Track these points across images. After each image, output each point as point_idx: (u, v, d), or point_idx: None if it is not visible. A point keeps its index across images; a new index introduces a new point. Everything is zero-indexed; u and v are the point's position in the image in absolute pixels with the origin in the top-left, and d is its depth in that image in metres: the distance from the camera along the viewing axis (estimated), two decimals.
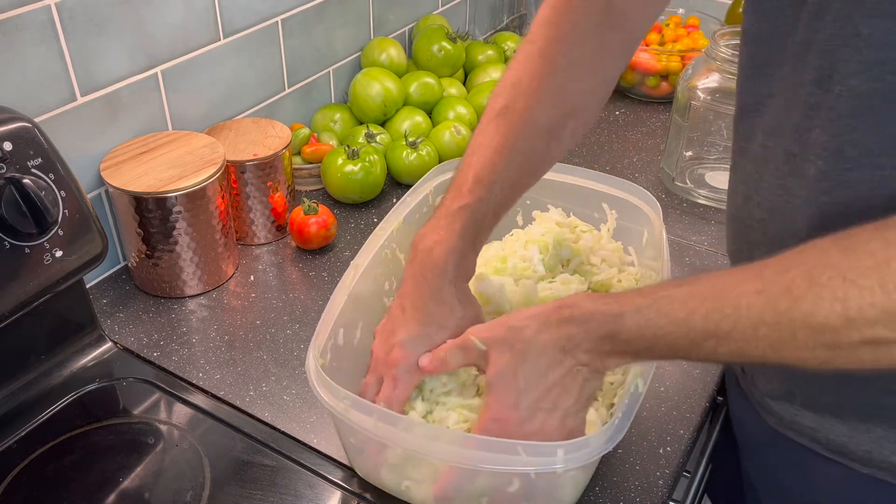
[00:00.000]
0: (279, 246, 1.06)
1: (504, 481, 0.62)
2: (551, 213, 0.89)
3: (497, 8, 1.65)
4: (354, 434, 0.66)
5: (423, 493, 0.67)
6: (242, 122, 1.08)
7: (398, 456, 0.66)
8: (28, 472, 0.73)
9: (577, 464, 0.58)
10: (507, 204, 0.70)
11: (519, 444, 0.58)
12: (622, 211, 0.87)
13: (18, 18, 0.79)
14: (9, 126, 0.72)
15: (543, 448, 0.58)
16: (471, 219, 0.67)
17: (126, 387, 0.83)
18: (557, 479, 0.64)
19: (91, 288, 0.96)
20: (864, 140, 0.52)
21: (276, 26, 1.12)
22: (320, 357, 0.68)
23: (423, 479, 0.66)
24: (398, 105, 1.24)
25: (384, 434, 0.61)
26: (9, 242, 0.72)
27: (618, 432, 0.60)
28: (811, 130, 0.55)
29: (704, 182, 1.19)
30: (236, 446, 0.76)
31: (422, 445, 0.61)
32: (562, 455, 0.58)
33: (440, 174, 0.89)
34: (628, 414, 0.61)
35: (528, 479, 0.62)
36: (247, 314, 0.94)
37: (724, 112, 1.15)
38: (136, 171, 0.90)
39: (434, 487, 0.65)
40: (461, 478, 0.63)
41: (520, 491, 0.63)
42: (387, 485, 0.70)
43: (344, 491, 0.72)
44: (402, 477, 0.68)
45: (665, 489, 0.73)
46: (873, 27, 0.48)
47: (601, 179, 0.87)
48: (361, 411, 0.62)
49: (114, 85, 0.92)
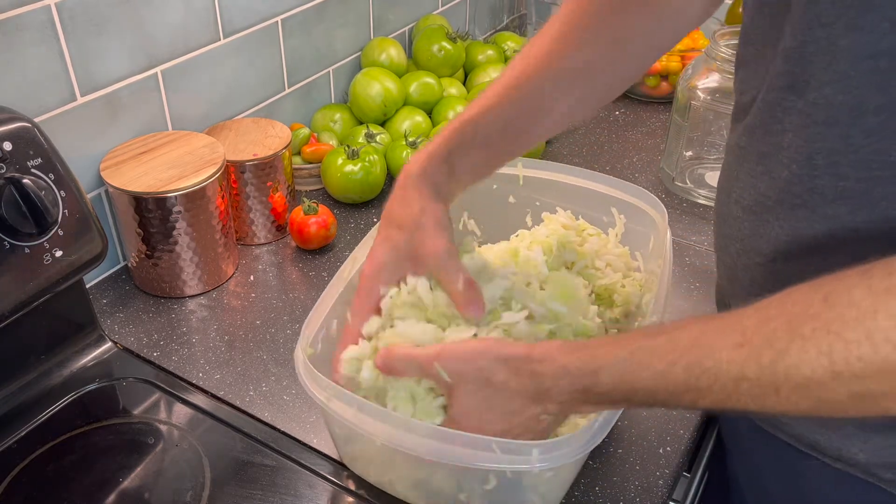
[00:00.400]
0: (279, 246, 1.06)
1: (481, 478, 0.62)
2: (559, 215, 0.89)
3: (497, 8, 1.65)
4: (338, 424, 0.66)
5: (404, 487, 0.68)
6: (242, 122, 1.08)
7: (377, 448, 0.66)
8: (28, 472, 0.73)
9: (553, 464, 0.58)
10: (495, 142, 0.69)
11: (494, 442, 0.57)
12: (630, 215, 0.87)
13: (18, 18, 0.79)
14: (9, 126, 0.72)
15: (518, 446, 0.58)
16: (450, 137, 0.67)
17: (126, 387, 0.83)
18: (534, 478, 0.63)
19: (91, 288, 0.96)
20: (832, 149, 0.52)
21: (276, 26, 1.12)
22: (310, 347, 0.68)
23: (402, 474, 0.67)
24: (398, 105, 1.24)
25: (363, 424, 0.61)
26: (9, 242, 0.72)
27: (597, 435, 0.59)
28: (784, 133, 0.56)
29: (704, 182, 1.19)
30: (236, 446, 0.76)
31: (396, 437, 0.60)
32: (536, 454, 0.57)
33: None
34: (609, 419, 0.60)
35: (504, 477, 0.62)
36: (247, 314, 0.94)
37: (723, 112, 1.14)
38: (136, 171, 0.90)
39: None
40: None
41: (497, 489, 0.63)
42: (372, 477, 0.70)
43: (344, 491, 0.72)
44: (385, 469, 0.68)
45: (665, 489, 0.73)
46: (852, 40, 0.48)
47: (609, 183, 0.87)
48: (343, 402, 0.62)
49: (114, 85, 0.92)
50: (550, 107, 0.71)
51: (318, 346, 0.70)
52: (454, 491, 0.65)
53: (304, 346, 0.66)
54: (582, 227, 0.88)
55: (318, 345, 0.70)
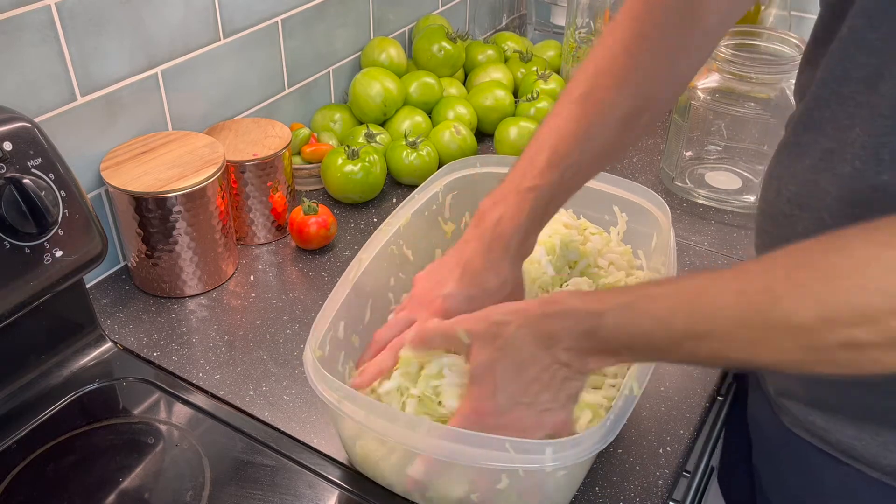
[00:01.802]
0: (279, 246, 1.06)
1: (494, 478, 0.62)
2: (560, 214, 0.89)
3: (497, 8, 1.65)
4: (348, 425, 0.67)
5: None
6: (242, 122, 1.08)
7: (389, 448, 0.66)
8: (28, 472, 0.73)
9: (566, 463, 0.58)
10: (573, 188, 0.72)
11: (507, 441, 0.57)
12: (632, 213, 0.87)
13: (18, 18, 0.79)
14: (9, 126, 0.72)
15: (531, 446, 0.58)
16: (540, 201, 0.69)
17: (126, 387, 0.83)
18: (547, 477, 0.64)
19: (91, 288, 0.96)
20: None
21: (276, 26, 1.12)
22: (318, 349, 0.68)
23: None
24: (398, 105, 1.24)
25: (374, 425, 0.61)
26: (9, 242, 0.72)
27: (609, 433, 0.59)
28: (852, 129, 0.55)
29: (704, 182, 1.19)
30: (236, 446, 0.76)
31: (407, 438, 0.61)
32: (550, 454, 0.57)
33: (450, 173, 0.89)
34: (621, 416, 0.60)
35: (516, 476, 0.62)
36: (247, 314, 0.94)
37: (723, 112, 1.15)
38: (136, 171, 0.90)
39: (409, 470, 0.65)
40: (435, 464, 0.63)
41: (509, 488, 0.63)
42: (386, 478, 0.70)
43: (344, 491, 0.72)
44: (398, 469, 0.68)
45: (665, 489, 0.73)
46: None
47: (611, 181, 0.87)
48: (354, 403, 0.62)
49: (114, 85, 0.92)
50: (625, 144, 0.73)
51: (326, 349, 0.70)
52: (466, 491, 0.65)
53: (314, 347, 0.67)
54: (584, 227, 0.88)
55: (326, 347, 0.70)
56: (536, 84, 1.32)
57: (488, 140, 1.30)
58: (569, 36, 1.36)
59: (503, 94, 1.30)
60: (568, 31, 1.36)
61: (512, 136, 1.21)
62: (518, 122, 1.22)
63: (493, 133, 1.27)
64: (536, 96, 1.28)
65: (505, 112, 1.29)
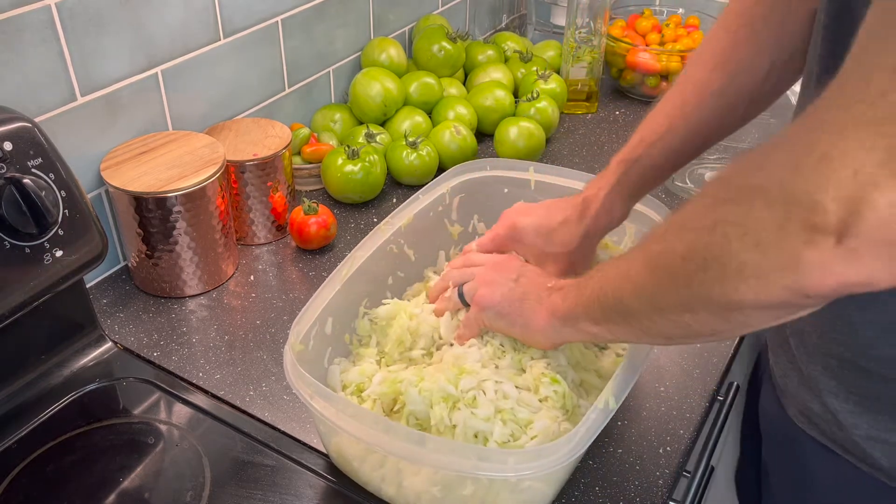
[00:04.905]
0: (279, 246, 1.06)
1: (459, 483, 0.62)
2: None
3: (497, 8, 1.65)
4: (321, 422, 0.67)
5: (392, 489, 0.68)
6: (242, 122, 1.08)
7: (360, 448, 0.67)
8: (28, 472, 0.73)
9: (529, 473, 0.58)
10: (668, 167, 0.75)
11: (472, 449, 0.59)
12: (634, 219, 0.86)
13: (18, 18, 0.79)
14: (9, 126, 0.72)
15: (495, 454, 0.59)
16: (626, 172, 0.74)
17: (126, 387, 0.83)
18: (513, 485, 0.63)
19: (91, 288, 0.96)
20: None
21: (276, 26, 1.12)
22: (300, 343, 0.68)
23: (389, 476, 0.67)
24: (398, 105, 1.24)
25: (344, 424, 0.61)
26: (9, 242, 0.72)
27: (579, 446, 0.59)
28: None
29: (704, 182, 1.19)
30: (236, 446, 0.76)
31: (375, 438, 0.61)
32: (512, 463, 0.58)
33: (457, 175, 0.89)
34: (591, 430, 0.60)
35: (481, 483, 0.62)
36: (247, 314, 0.94)
37: None
38: (136, 171, 0.90)
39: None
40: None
41: (475, 495, 0.63)
42: (361, 478, 0.70)
43: (344, 491, 0.72)
44: (374, 470, 0.68)
45: (665, 489, 0.73)
46: None
47: None
48: (325, 399, 0.62)
49: (114, 85, 0.92)
50: (726, 128, 0.75)
51: (311, 343, 0.70)
52: (435, 493, 0.65)
53: (294, 342, 0.67)
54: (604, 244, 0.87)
55: (311, 341, 0.70)
56: (536, 84, 1.32)
57: (488, 140, 1.30)
58: (569, 36, 1.36)
59: (503, 95, 1.30)
60: (568, 31, 1.36)
61: (512, 136, 1.21)
62: (518, 122, 1.22)
63: (493, 133, 1.27)
64: (536, 96, 1.28)
65: (505, 112, 1.29)
